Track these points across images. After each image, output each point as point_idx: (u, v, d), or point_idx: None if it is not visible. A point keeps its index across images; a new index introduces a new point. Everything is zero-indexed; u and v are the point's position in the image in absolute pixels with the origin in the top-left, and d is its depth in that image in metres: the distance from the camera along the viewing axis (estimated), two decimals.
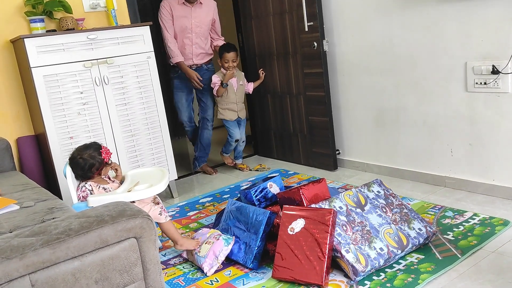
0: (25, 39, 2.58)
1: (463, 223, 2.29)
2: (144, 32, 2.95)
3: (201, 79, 3.45)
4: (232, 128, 3.59)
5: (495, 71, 2.39)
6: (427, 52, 2.68)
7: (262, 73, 3.69)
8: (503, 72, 2.37)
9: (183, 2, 3.34)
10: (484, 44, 2.42)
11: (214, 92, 3.48)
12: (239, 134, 3.61)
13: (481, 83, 2.47)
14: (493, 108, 2.47)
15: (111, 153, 2.22)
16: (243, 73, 3.68)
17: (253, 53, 3.82)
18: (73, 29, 2.87)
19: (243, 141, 3.68)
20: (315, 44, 3.19)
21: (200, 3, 3.39)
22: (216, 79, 3.45)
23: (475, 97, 2.53)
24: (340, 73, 3.24)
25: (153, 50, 3.00)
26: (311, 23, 3.17)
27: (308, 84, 3.38)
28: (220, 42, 3.64)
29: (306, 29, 3.19)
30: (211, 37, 3.60)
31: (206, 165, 3.76)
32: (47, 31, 2.82)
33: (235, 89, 3.51)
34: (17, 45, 2.75)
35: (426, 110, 2.78)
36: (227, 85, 3.43)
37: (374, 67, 3.01)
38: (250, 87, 3.68)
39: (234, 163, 3.75)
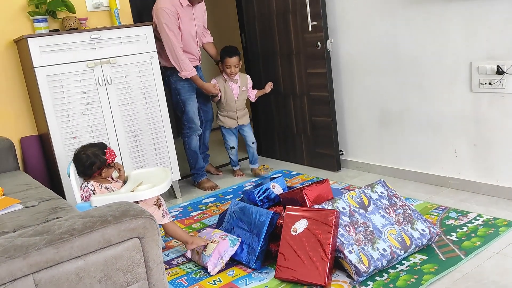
0: (28, 39, 2.58)
1: (467, 224, 2.28)
2: (147, 31, 2.95)
3: (216, 85, 3.24)
4: (227, 135, 3.46)
5: (500, 71, 2.38)
6: (432, 52, 2.67)
7: (270, 87, 3.46)
8: (508, 72, 2.36)
9: (188, 4, 3.07)
10: (489, 44, 2.41)
11: (211, 97, 3.38)
12: (234, 141, 3.48)
13: (486, 83, 2.46)
14: (498, 108, 2.45)
15: (116, 156, 2.22)
16: (248, 77, 3.45)
17: (257, 53, 3.82)
18: (76, 28, 2.88)
19: (253, 143, 3.50)
20: (319, 44, 3.19)
21: (199, 1, 3.14)
22: (215, 83, 3.30)
23: (480, 97, 2.52)
24: (344, 73, 3.24)
25: (156, 50, 3.00)
26: (315, 23, 3.16)
27: (311, 84, 3.37)
28: (209, 38, 3.43)
29: (310, 29, 3.19)
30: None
31: (210, 165, 3.73)
32: (50, 31, 2.83)
33: (235, 96, 3.34)
34: (21, 44, 2.76)
35: (430, 110, 2.77)
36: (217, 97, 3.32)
37: (378, 67, 3.00)
38: (253, 94, 3.45)
39: (242, 173, 3.56)
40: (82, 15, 3.03)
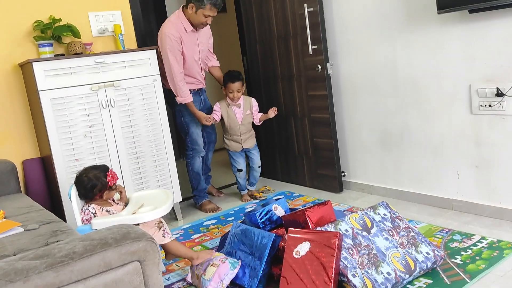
0: (33, 63, 2.62)
1: (471, 247, 2.25)
2: (150, 55, 2.99)
3: (210, 118, 3.22)
4: (235, 157, 3.42)
5: (499, 94, 2.39)
6: (431, 74, 2.69)
7: (274, 112, 3.32)
8: (507, 94, 2.37)
9: (192, 29, 3.08)
10: (488, 67, 2.44)
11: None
12: (242, 164, 3.44)
13: (485, 105, 2.47)
14: (499, 130, 2.46)
15: (118, 178, 2.22)
16: (253, 100, 3.40)
17: (258, 75, 3.86)
18: (81, 53, 2.92)
19: (259, 167, 3.45)
20: (319, 67, 3.22)
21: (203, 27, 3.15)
22: (217, 108, 3.31)
23: (480, 119, 2.52)
24: (345, 95, 3.26)
25: (159, 73, 3.04)
26: (315, 47, 3.21)
27: (312, 106, 3.40)
28: (215, 62, 3.45)
29: (310, 52, 3.23)
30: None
31: (212, 186, 3.72)
32: (55, 55, 2.87)
33: (239, 121, 3.31)
34: (25, 68, 2.80)
35: (431, 132, 2.78)
36: (216, 121, 3.32)
37: (378, 89, 3.02)
38: (257, 118, 3.38)
39: (250, 198, 3.49)
40: (87, 40, 3.09)
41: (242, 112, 3.34)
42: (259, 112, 3.44)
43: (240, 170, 3.45)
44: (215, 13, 3.04)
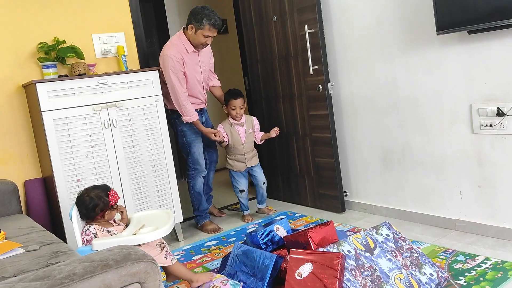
0: (36, 84, 2.65)
1: (475, 268, 2.23)
2: (152, 76, 3.02)
3: (219, 132, 3.24)
4: (237, 178, 3.41)
5: (500, 113, 2.40)
6: (431, 94, 2.71)
7: (276, 133, 3.38)
8: (508, 114, 2.38)
9: (193, 50, 3.13)
10: (488, 87, 2.45)
11: (219, 142, 3.37)
12: (244, 184, 3.43)
13: (486, 125, 2.48)
14: (500, 150, 2.46)
15: (119, 198, 2.22)
16: (254, 118, 3.44)
17: (259, 95, 3.89)
18: (85, 74, 2.95)
19: (263, 183, 3.44)
20: (320, 86, 3.25)
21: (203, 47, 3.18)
22: (221, 129, 3.32)
23: (482, 138, 2.53)
24: (346, 114, 3.27)
25: (161, 93, 3.06)
26: (316, 67, 3.24)
27: (314, 126, 3.41)
28: (216, 81, 3.47)
29: (311, 73, 3.26)
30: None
31: (213, 206, 3.70)
32: (59, 76, 2.90)
33: (243, 140, 3.33)
34: (29, 89, 2.83)
35: (433, 151, 2.78)
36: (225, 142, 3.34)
37: (379, 108, 3.04)
38: (259, 137, 3.42)
39: (252, 218, 3.46)
40: (90, 61, 3.13)
41: (245, 131, 3.35)
42: (260, 131, 3.46)
43: (242, 191, 3.45)
44: (215, 33, 3.08)
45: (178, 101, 3.10)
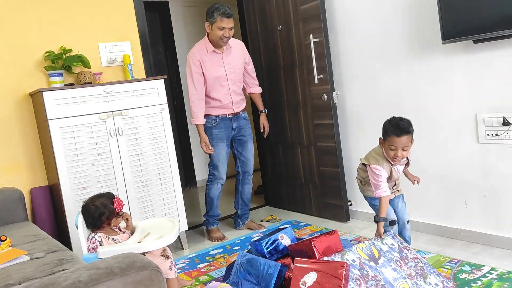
0: (43, 92, 2.67)
1: (481, 278, 2.21)
2: (158, 85, 3.04)
3: (211, 148, 3.21)
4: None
5: (505, 123, 2.40)
6: (437, 103, 2.71)
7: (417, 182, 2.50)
8: None
9: (213, 50, 3.15)
10: (493, 96, 2.45)
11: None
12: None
13: (492, 134, 2.47)
14: (506, 159, 2.45)
15: (124, 205, 2.23)
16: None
17: (265, 104, 3.88)
18: (91, 82, 2.98)
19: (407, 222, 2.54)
20: (325, 96, 3.25)
21: (230, 47, 3.21)
22: (377, 170, 2.34)
23: (487, 148, 2.52)
24: (351, 123, 3.28)
25: (166, 102, 3.08)
26: (321, 76, 3.25)
27: (318, 135, 3.41)
28: (256, 88, 3.45)
29: (316, 82, 3.27)
30: (245, 82, 3.40)
31: (251, 221, 3.50)
32: (65, 85, 2.93)
33: (398, 174, 2.47)
34: (36, 98, 2.85)
35: (438, 161, 2.77)
36: None
37: (384, 118, 3.02)
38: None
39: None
40: (97, 70, 3.15)
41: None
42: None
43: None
44: (229, 24, 3.10)
45: (190, 102, 3.20)
